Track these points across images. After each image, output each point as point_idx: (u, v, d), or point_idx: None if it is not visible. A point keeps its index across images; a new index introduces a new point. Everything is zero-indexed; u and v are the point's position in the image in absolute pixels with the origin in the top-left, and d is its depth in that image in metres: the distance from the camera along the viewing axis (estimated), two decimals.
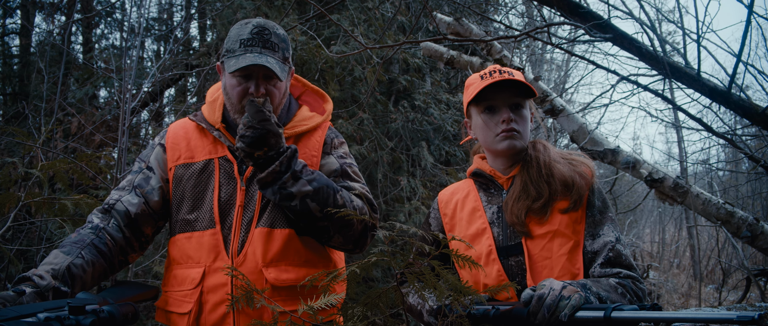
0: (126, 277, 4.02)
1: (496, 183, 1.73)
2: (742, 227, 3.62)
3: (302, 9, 5.71)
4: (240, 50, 1.64)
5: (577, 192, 1.59)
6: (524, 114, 1.69)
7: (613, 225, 1.61)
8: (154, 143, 1.83)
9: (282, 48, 1.69)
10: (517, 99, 1.68)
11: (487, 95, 1.68)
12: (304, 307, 1.24)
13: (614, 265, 1.53)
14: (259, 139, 1.52)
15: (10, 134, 3.44)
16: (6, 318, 1.10)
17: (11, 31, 7.30)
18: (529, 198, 1.61)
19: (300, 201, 1.57)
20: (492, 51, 4.16)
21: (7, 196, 2.65)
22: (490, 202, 1.72)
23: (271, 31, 1.67)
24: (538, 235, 1.59)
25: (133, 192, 1.72)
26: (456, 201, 1.78)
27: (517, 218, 1.60)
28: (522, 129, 1.67)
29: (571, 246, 1.57)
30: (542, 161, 1.65)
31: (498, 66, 1.70)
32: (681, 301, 8.90)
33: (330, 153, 1.80)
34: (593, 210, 1.61)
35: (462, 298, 1.33)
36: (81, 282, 1.51)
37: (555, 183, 1.61)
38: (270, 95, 1.67)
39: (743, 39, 3.44)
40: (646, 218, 15.67)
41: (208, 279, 1.63)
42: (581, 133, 4.02)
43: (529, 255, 1.58)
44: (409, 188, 5.73)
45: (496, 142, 1.67)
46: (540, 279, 1.55)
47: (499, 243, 1.64)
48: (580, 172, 1.63)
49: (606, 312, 1.24)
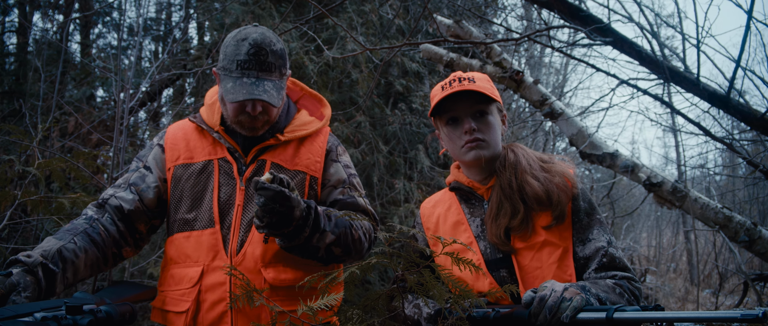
0: (123, 278, 4.00)
1: (476, 195, 1.68)
2: (739, 231, 3.62)
3: (298, 12, 5.70)
4: (236, 72, 1.62)
5: (558, 207, 1.53)
6: (490, 120, 1.64)
7: (602, 227, 1.57)
8: (152, 143, 1.83)
9: (278, 66, 1.67)
10: (480, 106, 1.63)
11: (448, 106, 1.64)
12: (304, 308, 1.23)
13: (609, 269, 1.51)
14: (286, 219, 1.46)
15: (7, 132, 3.42)
16: (3, 318, 1.09)
17: (8, 28, 7.27)
18: (506, 216, 1.56)
19: (325, 250, 1.60)
20: (492, 54, 4.16)
21: (4, 194, 2.63)
22: (473, 214, 1.67)
23: (267, 49, 1.63)
24: (525, 248, 1.55)
25: (129, 190, 1.73)
26: (438, 215, 1.74)
27: (497, 238, 1.56)
28: (488, 137, 1.62)
29: (560, 254, 1.54)
30: (512, 175, 1.59)
31: (459, 74, 1.66)
32: (678, 305, 8.91)
33: (337, 160, 1.82)
34: (579, 216, 1.57)
35: (462, 301, 1.32)
36: (73, 268, 1.50)
37: (529, 199, 1.56)
38: (267, 112, 1.67)
39: (743, 44, 3.44)
40: (644, 222, 15.69)
41: (206, 278, 1.63)
42: (580, 137, 4.02)
43: (520, 266, 1.55)
44: (405, 191, 5.72)
45: (463, 154, 1.64)
46: (533, 287, 1.51)
47: (487, 256, 1.60)
48: (558, 184, 1.56)
49: (608, 313, 1.23)
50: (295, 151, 1.77)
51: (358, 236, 1.67)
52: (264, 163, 1.73)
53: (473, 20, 5.58)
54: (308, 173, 1.76)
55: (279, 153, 1.75)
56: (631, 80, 4.11)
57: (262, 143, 1.74)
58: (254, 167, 1.72)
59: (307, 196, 1.75)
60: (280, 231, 1.47)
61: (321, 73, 5.32)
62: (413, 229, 1.76)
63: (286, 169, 1.73)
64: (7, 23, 7.29)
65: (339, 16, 5.65)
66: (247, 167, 1.72)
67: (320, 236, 1.56)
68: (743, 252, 7.19)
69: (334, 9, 5.46)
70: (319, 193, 1.78)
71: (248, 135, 1.72)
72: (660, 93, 4.33)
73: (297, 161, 1.76)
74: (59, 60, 4.19)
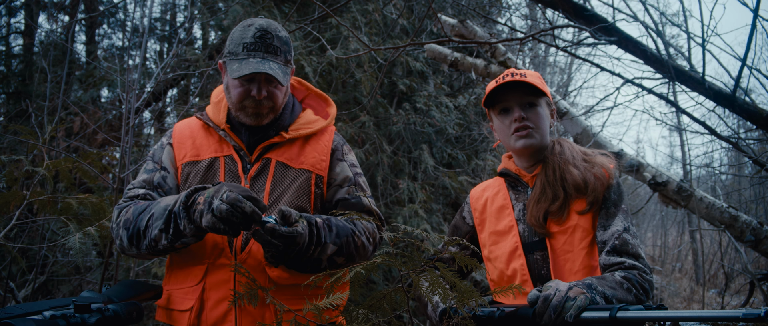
0: (127, 277, 4.02)
1: (522, 181, 1.79)
2: (745, 231, 3.61)
3: (301, 12, 5.71)
4: (243, 54, 1.64)
5: (593, 193, 1.64)
6: (539, 112, 1.74)
7: (625, 215, 1.65)
8: (163, 143, 1.82)
9: (284, 51, 1.69)
10: (529, 98, 1.74)
11: (500, 97, 1.75)
12: (310, 306, 1.24)
13: (620, 253, 1.57)
14: (290, 249, 1.48)
15: (14, 132, 3.44)
16: (12, 316, 1.10)
17: (15, 30, 7.31)
18: (546, 200, 1.67)
19: (327, 261, 1.61)
20: (496, 53, 4.16)
21: (12, 194, 2.65)
22: (517, 199, 1.79)
23: (273, 34, 1.67)
24: (559, 232, 1.65)
25: (156, 192, 1.72)
26: (486, 198, 1.86)
27: (536, 220, 1.66)
28: (537, 126, 1.72)
29: (591, 240, 1.63)
30: (557, 164, 1.70)
31: (513, 69, 1.76)
32: (683, 305, 8.87)
33: (342, 159, 1.83)
34: (607, 204, 1.66)
35: (467, 300, 1.32)
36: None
37: (568, 186, 1.66)
38: (272, 97, 1.69)
39: (748, 42, 3.43)
40: (649, 222, 15.64)
41: (210, 276, 1.63)
42: (585, 136, 4.01)
43: (552, 249, 1.64)
44: (409, 191, 5.72)
45: (512, 141, 1.74)
46: (563, 271, 1.62)
47: (524, 238, 1.70)
48: (596, 174, 1.66)
49: (611, 312, 1.24)
50: (300, 149, 1.78)
51: (361, 242, 1.67)
52: (269, 161, 1.73)
53: (477, 20, 5.57)
54: (313, 172, 1.76)
55: (284, 151, 1.76)
56: (635, 79, 4.10)
57: (267, 141, 1.74)
58: (259, 166, 1.72)
59: (313, 195, 1.75)
60: (285, 259, 1.52)
61: (324, 73, 5.33)
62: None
63: (290, 168, 1.74)
64: (14, 24, 7.33)
65: (343, 16, 5.65)
66: (251, 165, 1.72)
67: (321, 249, 1.57)
68: (749, 251, 7.16)
69: (338, 9, 5.47)
70: (324, 192, 1.79)
71: (252, 124, 1.72)
72: (665, 92, 4.32)
73: (302, 159, 1.76)
74: (65, 61, 4.21)
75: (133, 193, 1.71)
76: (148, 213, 1.55)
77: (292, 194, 1.71)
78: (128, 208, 1.62)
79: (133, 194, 1.70)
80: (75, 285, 4.55)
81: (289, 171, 1.73)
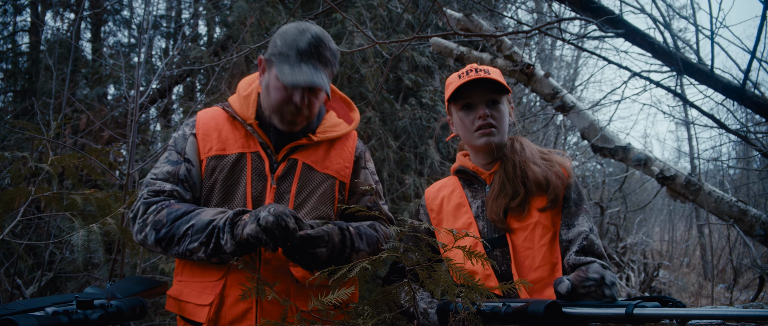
0: (134, 273, 4.03)
1: (479, 179, 1.80)
2: (755, 225, 3.57)
3: (306, 8, 5.69)
4: (295, 59, 1.61)
5: (554, 191, 1.66)
6: (501, 109, 1.76)
7: (587, 215, 1.68)
8: (185, 133, 1.77)
9: (332, 63, 1.69)
10: (493, 95, 1.76)
11: (464, 93, 1.75)
12: (315, 302, 1.23)
13: (588, 253, 1.59)
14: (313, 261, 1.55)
15: (20, 128, 3.45)
16: (15, 312, 1.10)
17: (21, 28, 7.34)
18: (506, 197, 1.69)
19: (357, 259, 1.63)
20: (502, 47, 4.13)
21: (18, 191, 2.65)
22: (474, 197, 1.79)
23: (326, 45, 1.65)
24: (519, 228, 1.66)
25: (181, 186, 1.69)
26: (442, 197, 1.85)
27: (496, 215, 1.68)
28: (499, 124, 1.74)
29: (550, 237, 1.65)
30: (517, 162, 1.72)
31: (475, 65, 1.77)
32: (691, 300, 8.82)
33: (365, 167, 1.87)
34: (569, 203, 1.68)
35: (473, 294, 1.30)
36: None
37: (530, 183, 1.68)
38: (311, 106, 1.68)
39: (758, 34, 3.38)
40: (656, 216, 15.55)
41: (233, 273, 1.62)
42: (592, 130, 3.98)
43: (513, 245, 1.65)
44: (415, 187, 5.71)
45: (474, 138, 1.74)
46: (523, 267, 1.63)
47: (484, 235, 1.71)
48: (556, 172, 1.69)
49: (628, 308, 1.21)
50: (326, 153, 1.78)
51: (382, 246, 1.71)
52: (295, 162, 1.72)
53: (483, 13, 5.54)
54: (337, 178, 1.77)
55: (310, 153, 1.75)
56: (643, 72, 4.05)
57: (295, 141, 1.73)
58: (285, 166, 1.71)
59: (337, 201, 1.76)
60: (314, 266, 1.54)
61: None
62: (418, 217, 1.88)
63: (316, 171, 1.74)
64: (20, 23, 7.36)
65: (347, 11, 5.63)
66: (278, 165, 1.71)
67: (356, 255, 1.61)
68: (759, 246, 7.10)
69: (342, 4, 5.44)
70: (346, 198, 1.80)
71: (286, 129, 1.71)
72: (673, 85, 4.27)
73: (327, 164, 1.76)
74: (70, 58, 4.22)
75: (159, 187, 1.67)
76: (188, 224, 1.54)
77: (316, 200, 1.71)
78: (160, 209, 1.60)
79: (159, 188, 1.66)
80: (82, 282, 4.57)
81: (314, 175, 1.73)
